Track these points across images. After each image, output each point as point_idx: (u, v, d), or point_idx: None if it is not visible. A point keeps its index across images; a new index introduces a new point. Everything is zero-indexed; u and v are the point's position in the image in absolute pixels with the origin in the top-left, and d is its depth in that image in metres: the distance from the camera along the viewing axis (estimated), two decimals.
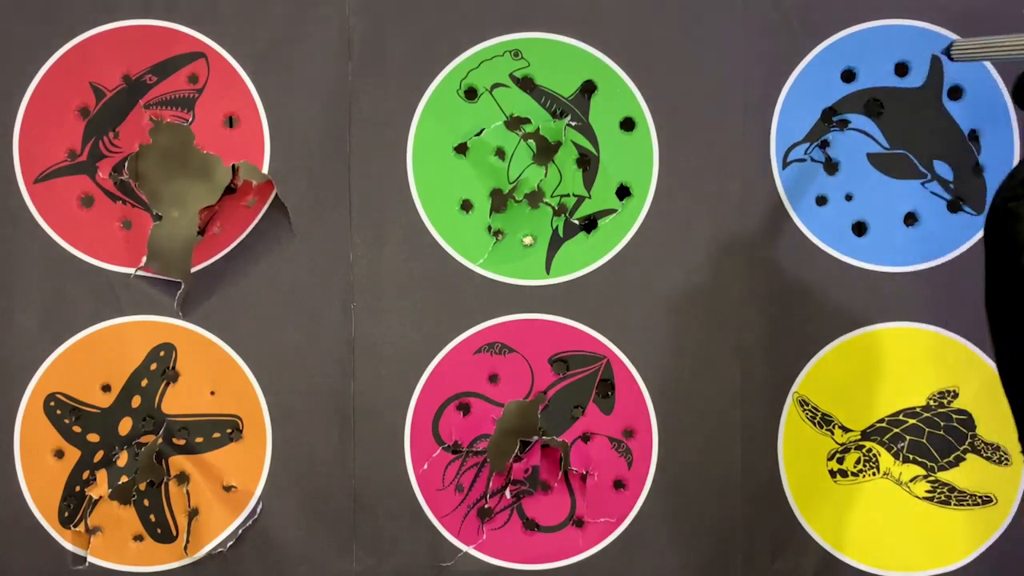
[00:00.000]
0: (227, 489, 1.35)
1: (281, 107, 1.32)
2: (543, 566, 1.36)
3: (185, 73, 1.32)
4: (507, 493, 1.36)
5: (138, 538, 1.36)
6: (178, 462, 1.35)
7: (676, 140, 1.33)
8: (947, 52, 1.17)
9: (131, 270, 1.34)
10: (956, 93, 1.34)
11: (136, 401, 1.35)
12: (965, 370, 1.36)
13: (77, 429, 1.35)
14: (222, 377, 1.35)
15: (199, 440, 1.36)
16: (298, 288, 1.35)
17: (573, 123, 1.34)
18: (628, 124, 1.35)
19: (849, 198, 1.35)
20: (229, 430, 1.36)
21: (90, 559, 1.35)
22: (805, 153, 1.34)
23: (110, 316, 1.34)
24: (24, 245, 1.33)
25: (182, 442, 1.35)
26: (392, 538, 1.36)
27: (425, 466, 1.35)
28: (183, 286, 1.33)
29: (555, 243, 1.35)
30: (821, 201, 1.35)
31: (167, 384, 1.35)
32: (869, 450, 1.36)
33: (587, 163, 1.35)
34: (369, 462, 1.35)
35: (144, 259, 1.32)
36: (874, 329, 1.36)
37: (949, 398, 1.36)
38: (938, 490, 1.36)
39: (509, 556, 1.36)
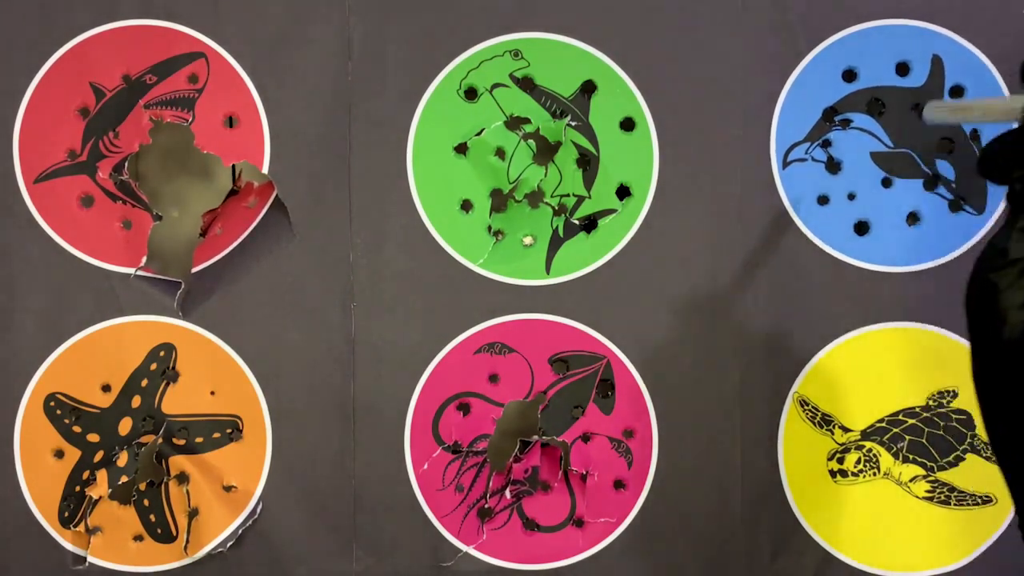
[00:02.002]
0: (227, 489, 1.35)
1: (281, 107, 1.32)
2: (543, 566, 1.36)
3: (185, 73, 1.32)
4: (507, 493, 1.36)
5: (138, 538, 1.36)
6: (178, 462, 1.35)
7: (676, 140, 1.33)
8: (920, 112, 1.22)
9: (131, 270, 1.34)
10: (958, 92, 1.34)
11: (136, 401, 1.35)
12: (965, 370, 1.34)
13: (77, 429, 1.35)
14: (222, 377, 1.35)
15: (199, 440, 1.36)
16: (298, 288, 1.35)
17: (573, 123, 1.33)
18: (628, 124, 1.34)
19: (852, 197, 1.35)
20: (229, 430, 1.36)
21: (90, 559, 1.35)
22: (806, 153, 1.34)
23: (110, 316, 1.34)
24: (24, 245, 1.33)
25: (182, 442, 1.35)
26: (392, 538, 1.36)
27: (425, 466, 1.35)
28: (183, 286, 1.33)
29: (555, 243, 1.35)
30: (823, 200, 1.35)
31: (167, 384, 1.35)
32: (869, 450, 1.36)
33: (587, 163, 1.35)
34: (369, 462, 1.35)
35: (144, 259, 1.32)
36: (874, 329, 1.36)
37: (949, 398, 1.36)
38: (938, 490, 1.36)
39: (509, 556, 1.36)
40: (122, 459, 1.34)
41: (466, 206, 1.35)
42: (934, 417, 1.36)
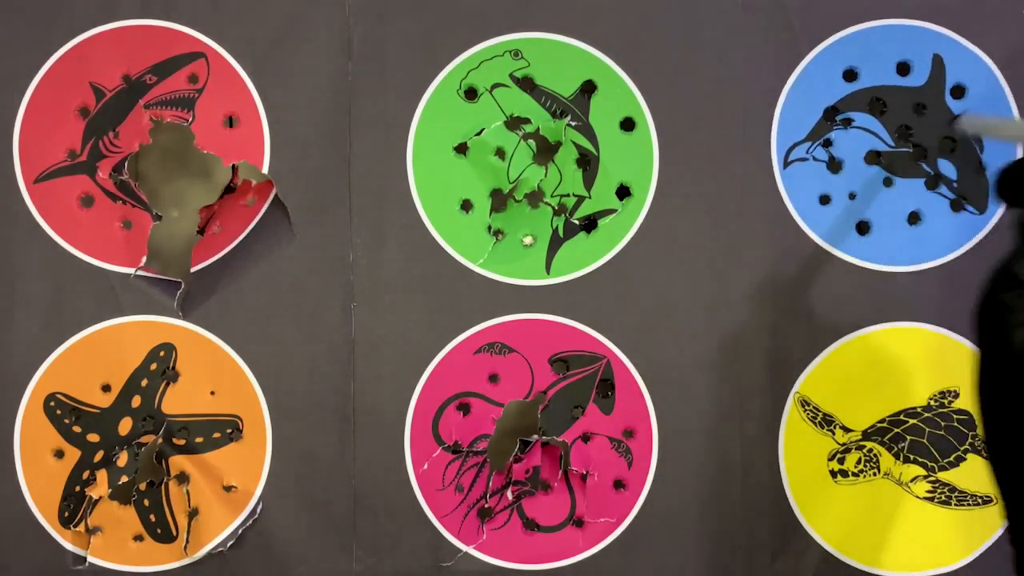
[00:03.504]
0: (227, 489, 1.36)
1: (281, 107, 1.33)
2: (543, 566, 1.37)
3: (185, 73, 1.32)
4: (508, 493, 1.36)
5: (138, 538, 1.36)
6: (178, 462, 1.35)
7: (676, 140, 1.33)
8: (953, 122, 1.26)
9: (131, 270, 1.34)
10: (959, 92, 1.34)
11: (136, 401, 1.35)
12: (966, 370, 1.34)
13: (77, 429, 1.35)
14: (222, 377, 1.35)
15: (199, 440, 1.36)
16: (298, 288, 1.35)
17: (573, 123, 1.34)
18: (628, 124, 1.34)
19: (852, 197, 1.35)
20: (229, 430, 1.36)
21: (90, 559, 1.35)
22: (807, 152, 1.34)
23: (110, 316, 1.34)
24: (24, 245, 1.33)
25: (182, 442, 1.36)
26: (392, 538, 1.36)
27: (425, 466, 1.35)
28: (183, 286, 1.33)
29: (555, 243, 1.35)
30: (824, 200, 1.35)
31: (167, 384, 1.35)
32: (870, 450, 1.36)
33: (587, 163, 1.35)
34: (369, 462, 1.35)
35: (144, 259, 1.32)
36: (875, 329, 1.35)
37: (950, 398, 1.36)
38: (938, 490, 1.36)
39: (509, 556, 1.36)
40: (122, 459, 1.35)
41: (466, 206, 1.35)
42: (935, 417, 1.36)
